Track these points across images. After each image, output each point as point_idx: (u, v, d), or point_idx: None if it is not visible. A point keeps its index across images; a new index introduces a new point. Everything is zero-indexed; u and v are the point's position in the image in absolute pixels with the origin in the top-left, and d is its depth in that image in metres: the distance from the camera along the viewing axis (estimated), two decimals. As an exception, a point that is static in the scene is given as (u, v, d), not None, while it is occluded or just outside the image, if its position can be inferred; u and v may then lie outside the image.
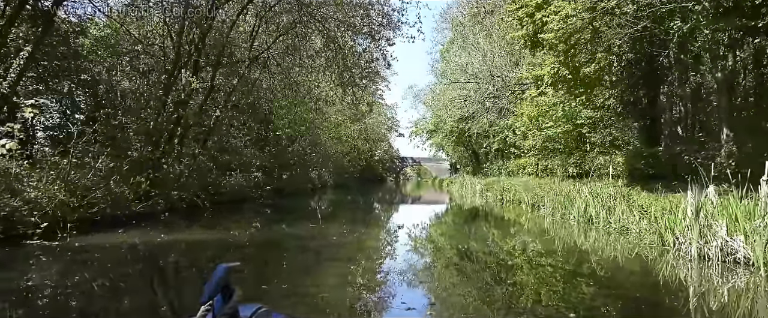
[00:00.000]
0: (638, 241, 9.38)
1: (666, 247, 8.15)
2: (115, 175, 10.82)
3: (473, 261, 8.53)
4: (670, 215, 8.63)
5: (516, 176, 33.00)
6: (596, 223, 11.68)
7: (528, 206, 16.78)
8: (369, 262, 8.06)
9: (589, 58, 13.51)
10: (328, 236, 10.46)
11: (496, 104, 27.76)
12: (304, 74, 16.62)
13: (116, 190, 10.91)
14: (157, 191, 12.25)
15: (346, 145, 31.46)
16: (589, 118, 22.00)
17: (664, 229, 8.28)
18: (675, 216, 8.24)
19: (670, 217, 8.32)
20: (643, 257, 8.12)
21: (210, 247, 9.20)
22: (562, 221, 13.21)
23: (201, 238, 10.18)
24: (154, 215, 11.87)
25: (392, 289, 6.09)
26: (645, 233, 9.69)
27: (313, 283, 6.22)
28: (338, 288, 5.96)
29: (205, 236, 10.46)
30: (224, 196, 16.39)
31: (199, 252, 8.78)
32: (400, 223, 15.31)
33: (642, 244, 8.98)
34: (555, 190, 15.65)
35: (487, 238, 11.46)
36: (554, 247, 9.77)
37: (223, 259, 8.42)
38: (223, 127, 16.11)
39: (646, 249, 8.56)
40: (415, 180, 74.60)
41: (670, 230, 8.03)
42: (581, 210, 12.45)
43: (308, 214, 17.33)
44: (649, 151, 17.94)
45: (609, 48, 13.75)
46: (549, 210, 14.77)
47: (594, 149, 22.62)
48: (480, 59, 24.98)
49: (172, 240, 9.47)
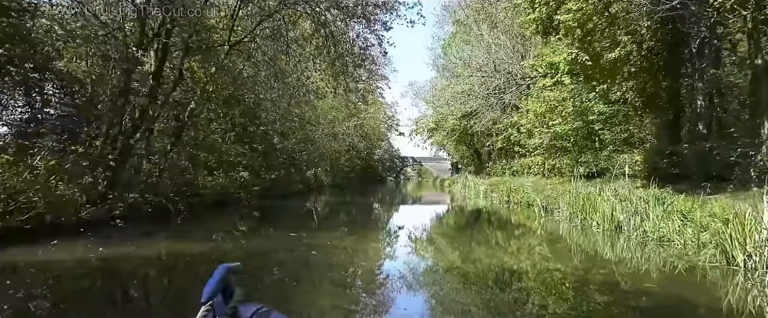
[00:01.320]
0: (684, 255, 7.56)
1: (732, 265, 6.33)
2: (58, 174, 9.01)
3: (484, 279, 6.72)
4: (728, 224, 6.82)
5: (520, 176, 31.19)
6: (626, 231, 9.86)
7: (540, 210, 14.92)
8: (359, 289, 6.26)
9: (612, 43, 11.67)
10: (318, 247, 8.65)
11: (501, 100, 25.91)
12: (291, 64, 14.77)
13: (64, 192, 9.13)
14: (115, 193, 10.44)
15: (342, 143, 29.40)
16: (602, 113, 20.17)
17: (729, 243, 6.46)
18: (741, 226, 6.42)
19: (735, 228, 6.49)
20: (698, 278, 6.31)
21: (153, 265, 7.38)
22: (582, 228, 11.39)
23: (151, 252, 8.24)
24: (111, 222, 10.07)
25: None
26: (691, 245, 7.88)
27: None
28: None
29: (160, 249, 8.59)
30: (204, 198, 14.60)
31: (129, 274, 6.93)
32: (399, 229, 13.48)
33: (692, 260, 7.15)
34: (570, 192, 13.82)
35: (497, 249, 9.65)
36: (582, 263, 7.94)
37: (168, 281, 6.67)
38: (201, 121, 14.28)
39: (700, 267, 6.73)
40: (415, 180, 72.83)
41: (739, 244, 6.21)
42: (606, 215, 10.62)
43: (299, 218, 15.55)
44: (673, 149, 16.09)
45: (634, 31, 11.92)
46: (565, 214, 12.94)
47: (606, 147, 20.80)
48: (484, 52, 23.13)
49: (110, 256, 7.63)
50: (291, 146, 19.62)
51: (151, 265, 7.34)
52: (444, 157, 58.14)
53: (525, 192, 19.03)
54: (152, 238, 9.42)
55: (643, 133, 19.51)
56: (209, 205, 14.92)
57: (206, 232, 10.46)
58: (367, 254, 8.94)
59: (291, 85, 15.41)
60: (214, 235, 9.93)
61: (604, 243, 9.63)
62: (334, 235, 10.65)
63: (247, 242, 9.93)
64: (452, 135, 40.85)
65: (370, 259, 8.41)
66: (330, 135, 24.90)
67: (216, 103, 14.25)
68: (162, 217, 11.75)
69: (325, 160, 28.26)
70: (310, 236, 10.20)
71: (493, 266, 7.72)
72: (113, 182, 10.58)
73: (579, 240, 10.32)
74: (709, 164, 14.10)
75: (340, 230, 12.22)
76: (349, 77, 14.41)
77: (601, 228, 10.63)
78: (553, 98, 22.70)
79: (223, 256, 7.67)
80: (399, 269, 7.50)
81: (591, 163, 21.30)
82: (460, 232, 13.21)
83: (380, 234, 12.24)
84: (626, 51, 12.27)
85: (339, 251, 8.74)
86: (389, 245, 10.22)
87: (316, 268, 7.18)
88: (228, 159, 16.27)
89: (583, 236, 10.67)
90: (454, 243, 10.65)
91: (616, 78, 13.69)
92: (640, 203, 10.20)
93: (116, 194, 10.41)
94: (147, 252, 8.20)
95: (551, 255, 8.78)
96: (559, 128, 22.63)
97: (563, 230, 11.76)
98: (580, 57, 12.09)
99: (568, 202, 12.95)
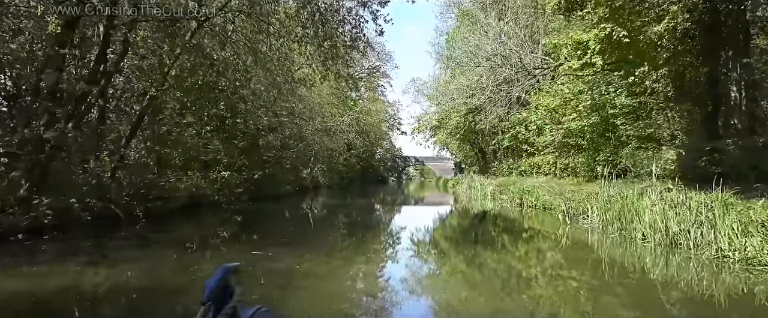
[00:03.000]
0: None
1: None
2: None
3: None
4: None
5: (529, 176, 28.89)
6: (687, 247, 7.57)
7: (564, 215, 12.62)
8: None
9: (657, 15, 9.38)
10: (273, 278, 6.33)
11: (510, 94, 23.60)
12: (274, 46, 12.51)
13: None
14: (43, 198, 8.22)
15: (337, 140, 26.82)
16: (626, 106, 17.85)
17: None
18: None
19: None
20: None
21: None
22: (622, 241, 9.09)
23: (28, 287, 5.67)
24: (40, 233, 7.86)
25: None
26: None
27: None
28: None
29: (54, 284, 5.86)
30: (173, 201, 12.38)
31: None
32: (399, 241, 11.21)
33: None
34: (600, 194, 11.53)
35: (520, 268, 7.39)
36: (646, 298, 5.66)
37: None
38: (167, 112, 12.00)
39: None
40: (418, 180, 70.57)
41: None
42: (655, 225, 8.33)
43: (282, 224, 13.30)
44: (714, 145, 13.77)
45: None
46: (596, 222, 10.64)
47: (627, 144, 18.49)
48: (493, 41, 20.82)
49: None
50: (278, 142, 17.30)
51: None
52: (447, 157, 55.86)
53: (539, 194, 16.72)
54: (67, 258, 7.07)
55: (672, 128, 17.18)
56: (179, 209, 12.71)
57: (146, 249, 8.21)
58: (345, 291, 6.41)
59: (273, 71, 13.15)
60: (145, 258, 7.48)
61: (663, 264, 7.35)
62: (311, 255, 7.91)
63: (159, 268, 6.82)
64: (456, 133, 38.59)
65: (348, 301, 5.59)
66: (322, 131, 22.46)
67: (185, 91, 12.01)
68: (111, 226, 9.55)
69: (320, 159, 25.96)
70: (277, 256, 7.76)
71: (525, 299, 5.46)
72: (42, 184, 8.36)
73: (625, 258, 8.03)
74: (764, 162, 11.85)
75: (322, 245, 9.68)
76: (340, 60, 12.15)
77: (649, 242, 8.34)
78: (568, 91, 20.43)
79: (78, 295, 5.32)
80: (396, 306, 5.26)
81: (610, 162, 19.01)
82: (474, 243, 10.93)
83: (374, 249, 9.90)
84: (675, 24, 9.98)
85: (299, 292, 5.65)
86: (381, 271, 7.80)
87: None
88: (205, 157, 14.03)
89: (627, 252, 8.38)
90: (470, 261, 8.38)
91: (655, 59, 11.38)
92: (701, 210, 7.91)
93: (44, 199, 8.18)
94: (29, 285, 5.70)
95: (595, 281, 6.51)
96: (574, 124, 20.33)
97: (598, 243, 9.48)
98: (615, 32, 9.80)
99: (600, 206, 10.64)
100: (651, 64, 11.21)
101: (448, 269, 7.63)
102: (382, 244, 10.66)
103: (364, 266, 7.59)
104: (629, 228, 9.28)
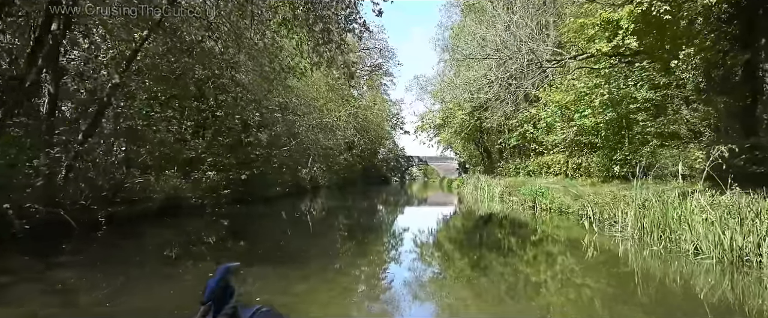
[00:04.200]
0: None
1: None
2: None
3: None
4: None
5: (538, 176, 27.23)
6: (762, 267, 5.95)
7: (591, 221, 10.91)
8: None
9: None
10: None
11: (520, 89, 21.96)
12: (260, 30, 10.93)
13: None
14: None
15: (332, 137, 24.77)
16: (648, 100, 16.20)
17: None
18: None
19: None
20: None
21: None
22: (669, 255, 7.46)
23: None
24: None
25: None
26: None
27: None
28: None
29: None
30: (145, 204, 10.84)
31: None
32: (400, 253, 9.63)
33: None
34: (630, 197, 9.88)
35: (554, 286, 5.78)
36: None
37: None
38: (135, 103, 10.36)
39: None
40: (421, 180, 68.91)
41: None
42: (713, 237, 6.70)
43: (268, 231, 11.74)
44: (754, 141, 12.11)
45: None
46: (629, 230, 9.00)
47: (649, 142, 16.86)
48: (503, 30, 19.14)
49: None
50: (267, 139, 15.62)
51: None
52: (450, 157, 54.19)
53: (554, 196, 15.08)
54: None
55: (700, 124, 15.49)
56: (155, 213, 11.16)
57: (86, 269, 6.63)
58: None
59: (259, 59, 11.58)
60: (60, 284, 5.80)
61: (736, 288, 5.73)
62: (287, 281, 6.01)
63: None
64: (460, 132, 36.99)
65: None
66: (318, 128, 20.64)
67: (157, 80, 10.41)
68: (60, 235, 8.01)
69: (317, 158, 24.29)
70: (261, 274, 6.20)
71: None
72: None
73: (678, 278, 6.41)
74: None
75: (309, 261, 8.02)
76: (333, 45, 10.57)
77: (706, 258, 6.71)
78: (583, 85, 18.78)
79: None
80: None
81: (629, 161, 17.35)
82: (490, 252, 9.31)
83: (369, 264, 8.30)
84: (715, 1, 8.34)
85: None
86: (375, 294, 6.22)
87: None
88: (185, 154, 12.46)
89: (679, 269, 6.76)
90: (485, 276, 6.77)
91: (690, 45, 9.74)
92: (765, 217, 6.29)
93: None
94: None
95: (643, 305, 4.90)
96: (587, 121, 18.70)
97: (634, 256, 7.87)
98: (655, 7, 8.15)
99: (634, 212, 8.99)
100: (691, 46, 9.52)
101: (470, 293, 6.02)
102: (387, 253, 9.08)
103: (360, 284, 6.00)
104: (674, 238, 7.65)
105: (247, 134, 14.48)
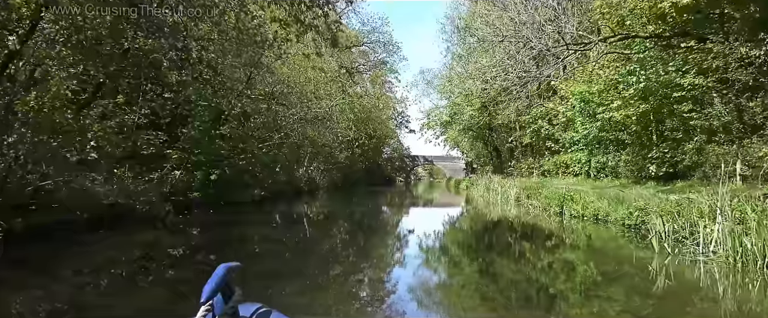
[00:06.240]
0: None
1: None
2: None
3: None
4: None
5: (553, 177, 24.57)
6: None
7: (663, 240, 7.94)
8: None
9: None
10: None
11: (535, 80, 19.28)
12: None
13: None
14: None
15: (321, 130, 21.81)
16: (697, 87, 13.48)
17: None
18: None
19: None
20: None
21: None
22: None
23: None
24: None
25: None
26: None
27: None
28: None
29: None
30: (59, 213, 8.24)
31: None
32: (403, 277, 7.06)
33: None
34: (719, 206, 7.14)
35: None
36: None
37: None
38: (61, 86, 7.72)
39: None
40: (427, 180, 66.27)
41: None
42: None
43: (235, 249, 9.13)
44: None
45: None
46: (721, 252, 6.29)
47: (693, 137, 14.16)
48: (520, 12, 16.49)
49: None
50: (240, 133, 12.93)
51: None
52: (457, 156, 51.54)
53: (588, 200, 12.39)
54: None
55: (762, 115, 12.76)
56: (85, 224, 8.58)
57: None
58: None
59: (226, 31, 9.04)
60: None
61: None
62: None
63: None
64: (468, 130, 34.39)
65: None
66: (303, 119, 17.81)
67: (85, 54, 7.86)
68: None
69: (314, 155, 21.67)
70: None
71: None
72: None
73: None
74: None
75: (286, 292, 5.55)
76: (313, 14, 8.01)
77: None
78: (615, 72, 16.12)
79: None
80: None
81: (668, 160, 14.65)
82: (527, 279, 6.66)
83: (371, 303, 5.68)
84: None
85: None
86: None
87: None
88: (137, 151, 9.93)
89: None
90: None
91: None
92: None
93: None
94: None
95: None
96: (618, 114, 15.99)
97: (729, 285, 5.23)
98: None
99: (725, 227, 6.30)
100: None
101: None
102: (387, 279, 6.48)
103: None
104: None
105: (222, 124, 11.87)
